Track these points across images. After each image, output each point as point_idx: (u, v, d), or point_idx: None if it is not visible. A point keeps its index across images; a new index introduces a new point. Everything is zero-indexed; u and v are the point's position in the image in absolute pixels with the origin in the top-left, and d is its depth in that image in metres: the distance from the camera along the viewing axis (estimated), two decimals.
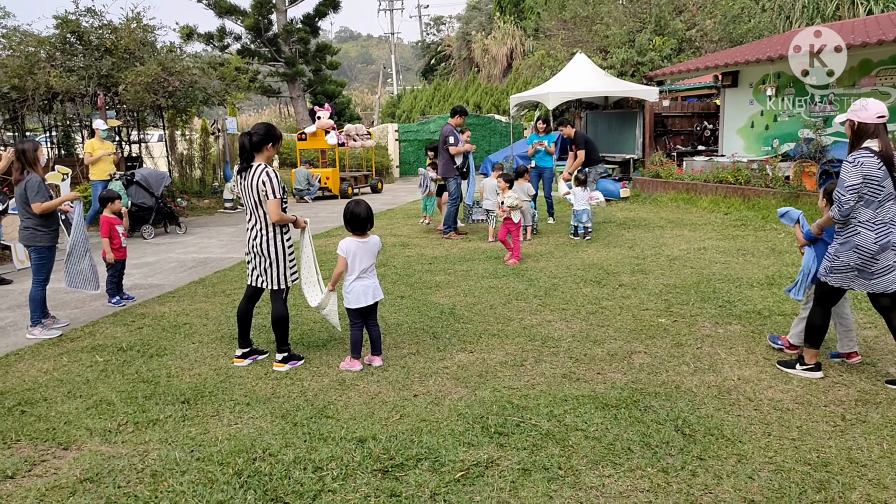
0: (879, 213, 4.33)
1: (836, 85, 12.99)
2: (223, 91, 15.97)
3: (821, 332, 4.65)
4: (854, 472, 3.41)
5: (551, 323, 6.10)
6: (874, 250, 4.33)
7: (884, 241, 4.32)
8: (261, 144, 5.02)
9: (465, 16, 47.88)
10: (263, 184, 4.90)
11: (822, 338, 4.68)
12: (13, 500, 3.41)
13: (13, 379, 5.15)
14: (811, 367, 4.67)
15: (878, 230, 4.32)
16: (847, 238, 4.42)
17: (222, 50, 24.90)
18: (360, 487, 3.39)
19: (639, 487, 3.34)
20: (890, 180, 4.29)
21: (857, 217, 4.36)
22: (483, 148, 24.69)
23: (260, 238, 5.02)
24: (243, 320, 5.32)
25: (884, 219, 4.33)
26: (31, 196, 6.07)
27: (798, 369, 4.71)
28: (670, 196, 14.13)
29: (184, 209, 14.46)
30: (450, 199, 10.78)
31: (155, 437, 4.07)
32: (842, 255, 4.44)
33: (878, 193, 4.29)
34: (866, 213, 4.34)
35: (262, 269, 5.10)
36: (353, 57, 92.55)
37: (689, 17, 21.09)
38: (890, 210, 4.34)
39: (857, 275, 4.43)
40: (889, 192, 4.31)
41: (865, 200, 4.32)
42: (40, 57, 13.61)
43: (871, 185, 4.28)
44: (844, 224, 4.42)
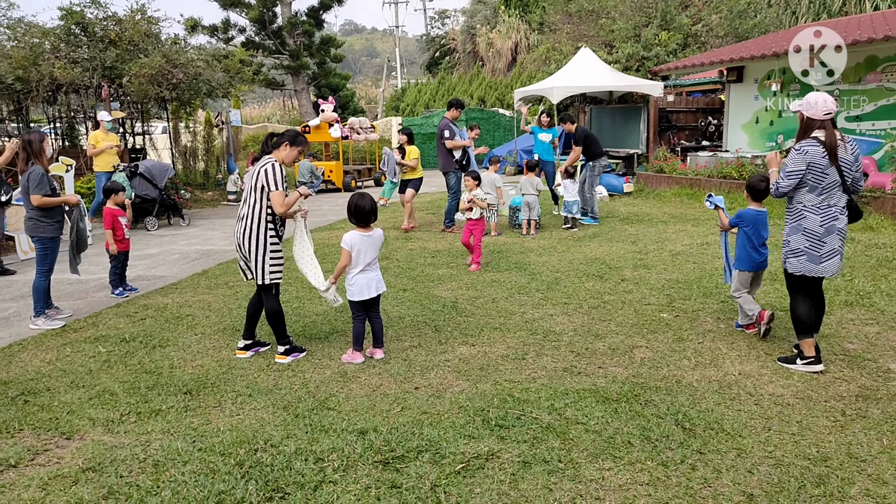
0: (824, 198, 4.63)
1: (841, 81, 12.94)
2: (227, 83, 15.99)
3: (807, 321, 4.77)
4: (853, 468, 3.42)
5: (553, 317, 6.11)
6: (820, 233, 4.64)
7: (829, 225, 4.63)
8: (279, 144, 5.14)
9: (470, 9, 47.73)
10: (265, 174, 4.91)
11: (811, 324, 4.79)
12: (16, 489, 3.43)
13: (17, 369, 5.18)
14: (811, 360, 4.71)
15: (823, 214, 4.63)
16: (796, 222, 4.74)
17: (227, 42, 24.87)
18: (361, 479, 3.41)
19: (638, 481, 3.35)
20: (834, 169, 4.58)
21: (803, 202, 4.68)
22: (487, 142, 24.67)
23: (242, 229, 5.04)
24: (253, 314, 5.33)
25: (829, 203, 4.63)
26: (32, 187, 6.09)
27: (799, 364, 4.75)
28: (674, 191, 14.10)
29: (187, 201, 14.48)
30: (450, 193, 10.72)
31: (157, 427, 4.09)
32: (792, 239, 4.76)
33: (823, 180, 4.59)
34: (812, 198, 4.64)
35: (243, 262, 5.12)
36: (358, 50, 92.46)
37: (694, 11, 21.03)
38: (834, 196, 4.63)
39: (806, 259, 4.70)
40: (833, 179, 4.59)
41: (810, 186, 4.63)
42: (45, 48, 13.63)
43: (815, 173, 4.59)
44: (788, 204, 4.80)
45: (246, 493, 3.29)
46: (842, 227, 4.68)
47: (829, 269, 4.70)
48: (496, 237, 10.05)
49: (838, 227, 4.65)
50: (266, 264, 5.04)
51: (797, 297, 4.85)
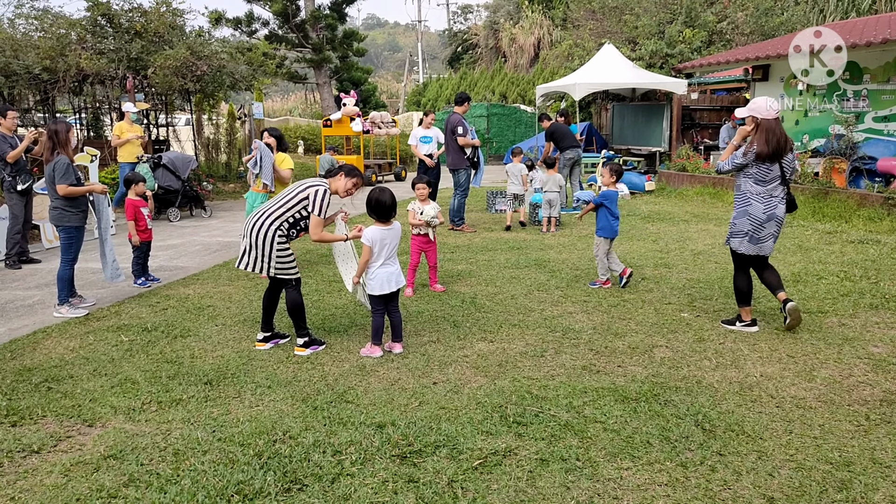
0: (768, 190, 5.32)
1: (869, 80, 12.75)
2: (250, 76, 16.05)
3: (747, 292, 5.55)
4: (877, 473, 3.37)
5: (572, 314, 6.08)
6: (762, 219, 5.33)
7: (770, 212, 5.32)
8: (336, 172, 5.28)
9: (493, 4, 47.51)
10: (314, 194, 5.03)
11: (750, 296, 5.57)
12: (38, 475, 3.48)
13: (41, 356, 5.25)
14: (748, 323, 5.54)
15: (766, 203, 5.32)
16: (742, 208, 5.41)
17: (250, 35, 25.00)
18: (379, 472, 3.42)
19: (657, 481, 3.32)
20: (778, 166, 5.27)
21: (751, 191, 5.35)
22: (508, 138, 24.61)
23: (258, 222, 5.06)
24: (269, 306, 5.36)
25: (771, 195, 5.32)
26: (58, 177, 6.15)
27: (738, 325, 5.57)
28: (696, 190, 13.98)
29: (209, 193, 14.59)
30: (459, 190, 10.49)
31: (178, 416, 4.12)
32: (738, 222, 5.45)
33: (768, 174, 5.30)
34: (758, 188, 5.33)
35: (252, 258, 5.09)
36: (380, 44, 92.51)
37: (720, 8, 20.79)
38: (776, 189, 5.34)
39: (748, 240, 5.41)
40: (776, 174, 5.30)
41: (756, 179, 5.33)
42: (71, 39, 13.76)
43: (760, 168, 5.29)
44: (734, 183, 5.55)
45: (264, 483, 3.31)
46: (780, 214, 5.37)
47: (765, 249, 5.42)
48: (512, 232, 10.02)
49: (777, 215, 5.34)
50: (272, 259, 5.06)
51: (739, 272, 5.59)
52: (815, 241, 8.97)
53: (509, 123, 24.98)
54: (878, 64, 12.53)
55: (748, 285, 5.54)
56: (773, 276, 5.56)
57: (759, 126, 5.26)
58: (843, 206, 10.90)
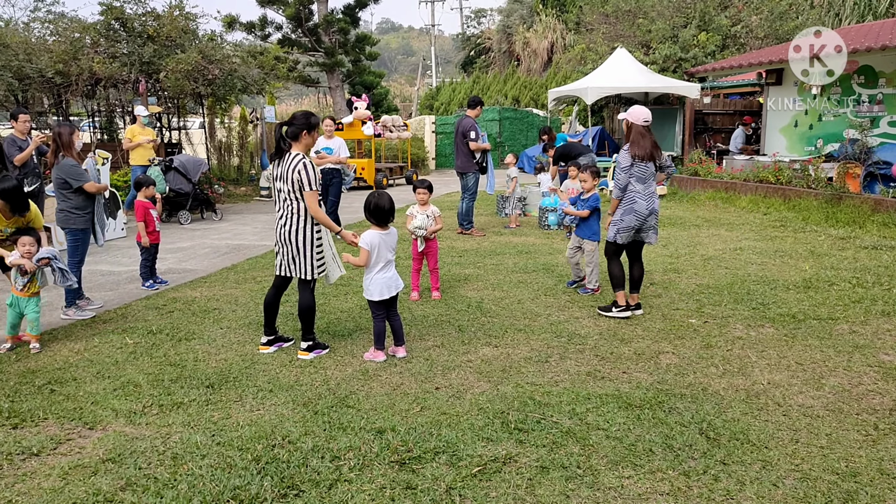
0: (647, 187, 5.94)
1: (884, 84, 12.61)
2: (262, 80, 16.11)
3: (620, 278, 6.12)
4: (885, 484, 3.30)
5: (579, 320, 6.03)
6: (645, 214, 5.93)
7: (651, 207, 5.94)
8: (297, 133, 5.01)
9: (507, 8, 47.51)
10: (299, 173, 4.89)
11: (623, 281, 6.12)
12: (37, 478, 3.47)
13: (45, 358, 5.26)
14: (622, 308, 6.05)
15: (647, 199, 5.93)
16: (628, 206, 5.95)
17: (264, 39, 25.08)
18: (377, 478, 3.39)
19: (658, 490, 3.27)
20: (652, 164, 5.95)
21: (635, 190, 5.92)
22: (520, 142, 24.56)
23: (289, 226, 5.02)
24: (269, 309, 5.35)
25: (650, 192, 5.95)
26: (75, 181, 6.22)
27: (614, 311, 6.06)
28: (708, 195, 13.87)
29: (220, 196, 14.63)
30: (467, 194, 10.48)
31: (178, 420, 4.11)
32: (626, 219, 5.97)
33: (645, 173, 5.93)
34: (640, 187, 5.93)
35: (289, 259, 5.10)
36: (394, 48, 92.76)
37: (734, 12, 20.65)
38: (652, 185, 6.00)
39: (635, 232, 6.02)
40: (651, 171, 5.97)
41: (637, 178, 5.91)
42: (85, 43, 13.88)
43: (639, 167, 5.88)
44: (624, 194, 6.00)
45: (261, 488, 3.29)
46: (657, 208, 6.03)
47: (649, 239, 6.07)
48: (516, 235, 9.97)
49: (656, 209, 6.00)
50: (313, 259, 5.06)
51: (612, 260, 6.16)
52: (827, 247, 8.86)
53: (521, 127, 24.94)
54: (893, 68, 12.39)
55: (621, 271, 6.14)
56: (637, 272, 6.24)
57: (631, 129, 5.94)
58: (856, 212, 10.76)
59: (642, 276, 6.32)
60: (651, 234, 6.06)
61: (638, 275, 6.27)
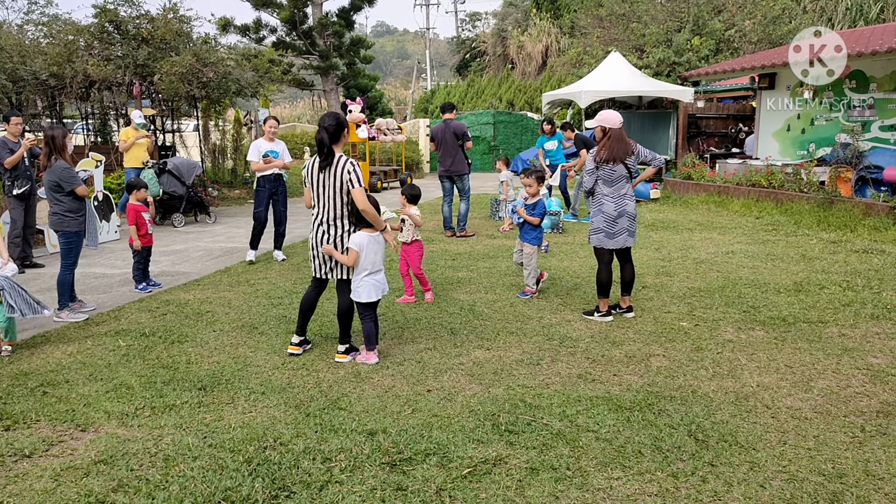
0: (615, 189, 5.99)
1: (875, 89, 12.69)
2: (256, 83, 16.11)
3: (606, 285, 6.10)
4: (870, 485, 3.33)
5: (571, 322, 6.06)
6: (614, 216, 5.98)
7: (620, 209, 5.98)
8: (338, 134, 5.02)
9: (502, 12, 47.61)
10: (349, 173, 4.90)
11: (608, 288, 6.10)
12: (29, 479, 3.48)
13: (38, 360, 5.26)
14: (605, 314, 6.11)
15: (616, 202, 5.99)
16: (598, 208, 6.06)
17: (258, 42, 25.06)
18: (367, 480, 3.41)
19: (647, 491, 3.30)
20: (622, 166, 5.94)
21: (602, 192, 6.01)
22: (514, 146, 24.60)
23: (332, 230, 5.02)
24: (307, 310, 5.34)
25: (619, 193, 5.99)
26: (68, 185, 6.23)
27: (596, 316, 6.12)
28: (701, 198, 13.94)
29: (214, 199, 14.63)
30: (463, 196, 10.69)
31: (170, 422, 4.13)
32: (595, 220, 6.08)
33: (612, 175, 5.97)
34: (607, 189, 6.00)
35: (333, 262, 5.09)
36: (389, 51, 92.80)
37: (728, 17, 20.76)
38: (623, 187, 6.01)
39: (604, 236, 6.03)
40: (621, 174, 5.97)
41: (604, 181, 6.00)
42: (79, 45, 13.85)
43: (605, 170, 5.96)
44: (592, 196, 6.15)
45: (252, 490, 3.30)
46: (630, 210, 6.01)
47: (619, 242, 6.04)
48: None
49: (628, 211, 5.99)
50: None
51: (601, 266, 6.14)
52: (819, 251, 8.91)
53: (516, 131, 24.97)
54: (884, 73, 12.48)
55: (609, 279, 6.12)
56: (628, 274, 6.25)
57: (608, 134, 5.97)
58: (848, 216, 10.84)
59: (633, 278, 6.31)
60: (625, 236, 6.03)
61: (629, 277, 6.26)
